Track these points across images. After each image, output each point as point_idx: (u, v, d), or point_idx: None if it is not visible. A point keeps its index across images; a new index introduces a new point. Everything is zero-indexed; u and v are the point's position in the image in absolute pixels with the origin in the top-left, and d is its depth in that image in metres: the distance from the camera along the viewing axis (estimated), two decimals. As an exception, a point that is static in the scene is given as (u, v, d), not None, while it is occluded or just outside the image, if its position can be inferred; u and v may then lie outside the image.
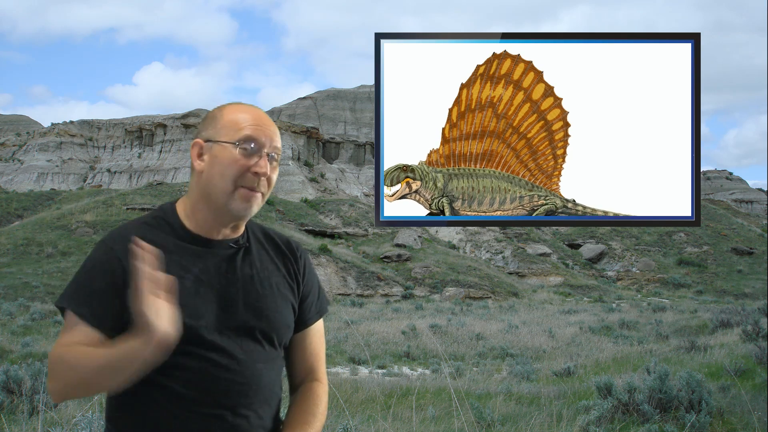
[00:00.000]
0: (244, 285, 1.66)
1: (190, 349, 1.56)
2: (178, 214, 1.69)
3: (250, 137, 1.61)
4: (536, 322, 26.00)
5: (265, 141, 1.62)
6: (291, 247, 1.80)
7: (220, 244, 1.68)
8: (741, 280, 51.13)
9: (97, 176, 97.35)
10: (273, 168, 1.64)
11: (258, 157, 1.61)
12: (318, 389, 1.79)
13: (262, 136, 1.62)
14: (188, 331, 1.54)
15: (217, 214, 1.64)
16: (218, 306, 1.62)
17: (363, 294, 41.40)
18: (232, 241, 1.69)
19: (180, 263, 1.62)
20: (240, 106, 1.69)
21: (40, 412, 5.23)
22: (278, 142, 1.66)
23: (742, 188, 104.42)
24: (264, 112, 1.70)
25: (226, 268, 1.66)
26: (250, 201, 1.61)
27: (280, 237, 1.82)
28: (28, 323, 19.67)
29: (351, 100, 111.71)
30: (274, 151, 1.64)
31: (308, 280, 1.81)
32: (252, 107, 1.69)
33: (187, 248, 1.65)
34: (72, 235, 45.60)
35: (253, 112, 1.67)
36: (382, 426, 6.02)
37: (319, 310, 1.84)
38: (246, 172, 1.60)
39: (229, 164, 1.60)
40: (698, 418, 6.33)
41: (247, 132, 1.62)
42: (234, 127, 1.62)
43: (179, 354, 1.54)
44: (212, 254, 1.66)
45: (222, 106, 1.71)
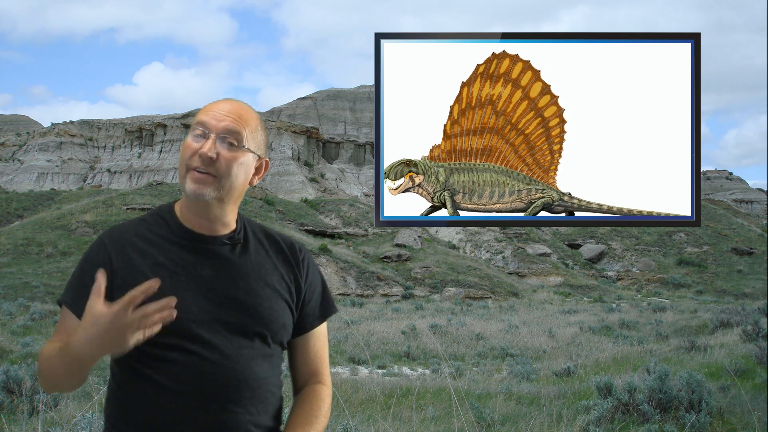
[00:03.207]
0: (237, 281, 1.67)
1: (179, 343, 1.57)
2: (176, 212, 1.73)
3: (198, 123, 1.65)
4: (536, 322, 26.01)
5: (215, 125, 1.64)
6: (293, 248, 1.80)
7: (215, 241, 1.70)
8: (741, 280, 51.16)
9: (97, 176, 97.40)
10: (231, 152, 1.64)
11: (205, 140, 1.63)
12: (321, 391, 1.79)
13: (212, 120, 1.64)
14: (177, 324, 1.55)
15: (190, 203, 1.67)
16: (210, 301, 1.63)
17: (363, 294, 41.41)
18: (226, 237, 1.71)
19: (173, 259, 1.65)
20: (218, 101, 1.72)
21: (40, 412, 5.23)
22: (242, 130, 1.65)
23: (742, 188, 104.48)
24: (242, 105, 1.70)
25: (220, 264, 1.68)
26: (198, 182, 1.62)
27: (284, 238, 1.82)
28: (28, 323, 19.66)
29: (351, 100, 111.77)
30: (229, 135, 1.64)
31: (311, 282, 1.80)
32: (229, 100, 1.71)
33: (182, 244, 1.68)
34: (72, 235, 45.61)
35: (216, 103, 1.69)
36: (382, 426, 6.02)
37: (323, 313, 1.83)
38: (194, 155, 1.63)
39: (184, 150, 1.65)
40: (698, 418, 6.33)
41: (198, 119, 1.66)
42: (196, 119, 1.68)
43: (167, 347, 1.56)
44: (207, 250, 1.68)
45: None
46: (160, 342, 1.57)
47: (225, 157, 1.63)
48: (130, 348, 1.45)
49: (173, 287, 1.60)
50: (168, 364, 1.58)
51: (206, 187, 1.62)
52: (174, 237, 1.68)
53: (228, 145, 1.64)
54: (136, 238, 1.68)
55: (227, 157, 1.63)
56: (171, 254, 1.66)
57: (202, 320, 1.61)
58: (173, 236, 1.68)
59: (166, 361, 1.58)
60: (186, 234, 1.69)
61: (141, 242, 1.67)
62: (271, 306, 1.69)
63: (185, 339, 1.59)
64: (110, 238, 1.68)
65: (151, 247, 1.66)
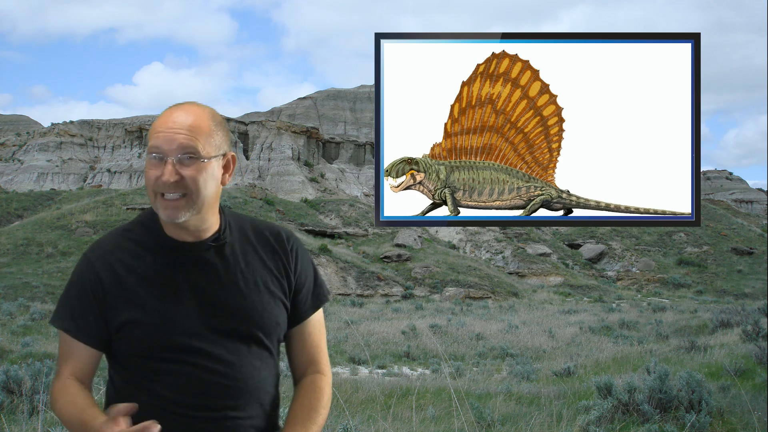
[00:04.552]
0: (226, 286, 1.66)
1: (176, 355, 1.57)
2: (159, 218, 1.69)
3: (152, 147, 1.60)
4: (536, 322, 26.00)
5: (169, 147, 1.58)
6: (281, 238, 1.77)
7: (200, 246, 1.67)
8: (741, 280, 51.14)
9: (97, 176, 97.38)
10: (193, 169, 1.59)
11: (163, 165, 1.58)
12: (320, 381, 1.78)
13: (164, 144, 1.58)
14: (172, 338, 1.57)
15: (166, 223, 1.65)
16: (201, 310, 1.62)
17: (363, 294, 41.40)
18: (211, 240, 1.68)
19: (160, 270, 1.64)
20: (166, 111, 1.65)
21: (40, 412, 5.23)
22: (196, 143, 1.59)
23: (742, 188, 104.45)
24: (189, 112, 1.63)
25: (208, 271, 1.66)
26: (170, 208, 1.59)
27: (271, 230, 1.79)
28: (28, 323, 19.65)
29: (351, 100, 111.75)
30: (186, 152, 1.58)
31: (301, 272, 1.78)
32: (176, 108, 1.64)
33: (166, 254, 1.66)
34: (72, 235, 45.60)
35: (165, 117, 1.62)
36: (382, 426, 6.02)
37: (316, 302, 1.81)
38: (157, 181, 1.59)
39: (147, 176, 1.61)
40: (698, 418, 6.33)
41: (151, 142, 1.61)
42: (150, 137, 1.62)
43: (165, 360, 1.57)
44: (192, 258, 1.66)
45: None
46: (158, 356, 1.58)
47: (189, 175, 1.59)
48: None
49: (163, 301, 1.60)
50: (167, 376, 1.59)
51: (179, 211, 1.60)
52: (158, 247, 1.67)
53: (188, 159, 1.58)
54: (122, 253, 1.66)
55: (191, 174, 1.59)
56: (157, 266, 1.64)
57: (196, 330, 1.60)
58: (158, 246, 1.67)
59: (165, 373, 1.58)
60: (170, 243, 1.67)
61: (127, 257, 1.65)
62: (263, 307, 1.68)
63: (182, 351, 1.58)
64: (96, 256, 1.67)
65: (137, 261, 1.65)
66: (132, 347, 1.61)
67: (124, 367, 1.64)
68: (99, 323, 1.62)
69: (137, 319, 1.59)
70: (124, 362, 1.64)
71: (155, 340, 1.59)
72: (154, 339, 1.59)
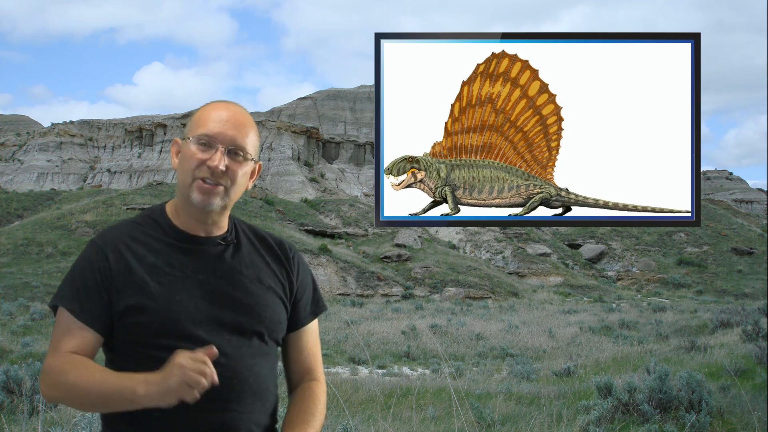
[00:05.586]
0: (232, 281, 1.69)
1: (177, 344, 1.57)
2: (167, 213, 1.74)
3: (206, 134, 1.66)
4: (536, 322, 26.00)
5: (223, 137, 1.65)
6: (284, 248, 1.83)
7: (208, 241, 1.71)
8: (741, 280, 51.12)
9: (97, 176, 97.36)
10: (237, 164, 1.67)
11: (214, 152, 1.65)
12: (316, 388, 1.81)
13: (220, 132, 1.66)
14: (175, 326, 1.58)
15: (190, 209, 1.68)
16: (206, 302, 1.64)
17: (363, 294, 41.39)
18: (220, 238, 1.73)
19: (168, 260, 1.66)
20: (215, 104, 1.72)
21: (40, 412, 5.23)
22: (245, 141, 1.68)
23: (742, 188, 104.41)
24: (239, 111, 1.71)
25: (215, 265, 1.69)
26: (207, 193, 1.65)
27: (273, 238, 1.84)
28: (28, 323, 19.66)
29: (351, 100, 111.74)
30: (236, 148, 1.67)
31: (302, 281, 1.83)
32: (226, 105, 1.72)
33: (175, 245, 1.69)
34: (72, 235, 45.60)
35: (221, 110, 1.70)
36: (382, 426, 6.02)
37: (315, 309, 1.86)
38: (202, 165, 1.65)
39: (189, 158, 1.66)
40: (698, 418, 6.33)
41: (205, 129, 1.66)
42: (198, 124, 1.68)
43: (165, 349, 1.56)
44: (200, 251, 1.70)
45: (203, 105, 1.74)
46: (159, 344, 1.58)
47: (233, 169, 1.66)
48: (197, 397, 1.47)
49: (170, 289, 1.62)
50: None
51: (214, 198, 1.65)
52: (167, 238, 1.69)
53: (234, 156, 1.67)
54: (131, 241, 1.68)
55: (235, 169, 1.67)
56: (165, 256, 1.66)
57: (200, 321, 1.62)
58: (167, 238, 1.69)
59: (165, 363, 1.56)
60: (180, 235, 1.70)
61: (135, 244, 1.67)
62: (267, 303, 1.71)
63: (184, 340, 1.59)
64: (105, 242, 1.68)
65: (145, 249, 1.67)
66: (134, 334, 1.60)
67: (123, 358, 1.63)
68: (104, 307, 1.61)
69: (143, 304, 1.59)
70: (123, 353, 1.63)
71: (159, 326, 1.59)
72: (159, 325, 1.59)
